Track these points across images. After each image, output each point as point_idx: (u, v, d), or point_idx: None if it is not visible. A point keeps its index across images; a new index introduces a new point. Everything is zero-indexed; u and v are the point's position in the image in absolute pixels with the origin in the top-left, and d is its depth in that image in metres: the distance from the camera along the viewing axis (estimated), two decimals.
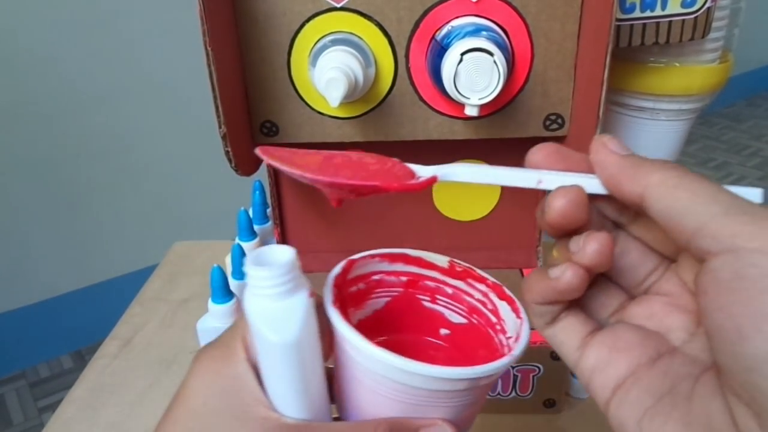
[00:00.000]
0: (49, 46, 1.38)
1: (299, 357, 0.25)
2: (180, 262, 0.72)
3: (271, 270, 0.24)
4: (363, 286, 0.31)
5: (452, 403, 0.27)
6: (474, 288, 0.32)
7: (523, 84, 0.44)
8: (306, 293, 0.25)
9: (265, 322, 0.25)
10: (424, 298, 0.33)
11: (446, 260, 0.32)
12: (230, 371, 0.26)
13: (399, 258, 0.32)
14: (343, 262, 0.30)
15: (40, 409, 1.48)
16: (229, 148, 0.41)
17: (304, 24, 0.42)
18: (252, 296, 0.25)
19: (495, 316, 0.31)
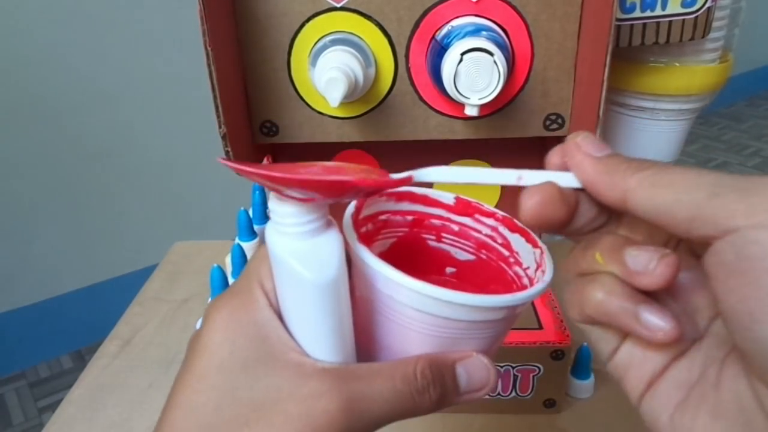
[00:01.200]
0: (50, 46, 1.38)
1: (336, 296, 0.24)
2: (180, 262, 0.72)
3: (302, 205, 0.23)
4: (371, 227, 0.30)
5: (486, 333, 0.26)
6: (482, 223, 0.31)
7: (523, 84, 0.44)
8: (337, 230, 0.25)
9: (300, 260, 0.23)
10: (430, 237, 0.32)
11: (452, 197, 0.31)
12: (254, 318, 0.25)
13: (405, 196, 0.31)
14: (355, 201, 0.29)
15: (40, 409, 1.48)
16: (229, 148, 0.41)
17: (304, 24, 0.42)
18: (281, 235, 0.24)
19: (507, 249, 0.30)
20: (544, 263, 0.28)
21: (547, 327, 0.48)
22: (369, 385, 0.25)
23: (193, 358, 0.25)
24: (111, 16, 1.42)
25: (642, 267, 0.22)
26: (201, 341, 0.25)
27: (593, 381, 0.51)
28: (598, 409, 0.50)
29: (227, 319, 0.25)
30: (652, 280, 0.22)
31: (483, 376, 0.27)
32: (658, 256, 0.22)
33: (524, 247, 0.29)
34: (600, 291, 0.24)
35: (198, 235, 0.94)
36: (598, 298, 0.24)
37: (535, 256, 0.29)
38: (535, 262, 0.28)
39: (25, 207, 1.48)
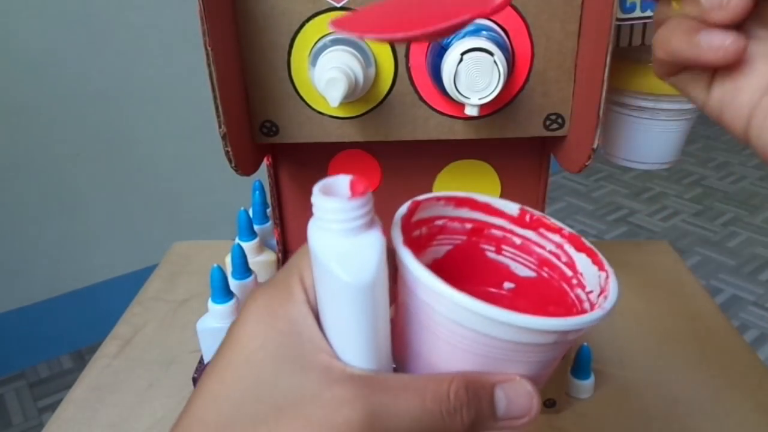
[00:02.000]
0: (50, 46, 1.38)
1: (372, 301, 0.23)
2: (180, 262, 0.72)
3: (346, 202, 0.22)
4: (425, 230, 0.29)
5: (534, 358, 0.24)
6: (546, 239, 0.29)
7: (523, 84, 0.44)
8: (380, 230, 0.23)
9: (338, 260, 0.22)
10: (489, 248, 0.30)
11: (517, 207, 0.29)
12: (289, 313, 0.24)
13: (465, 202, 0.29)
14: (409, 202, 0.28)
15: (39, 409, 1.48)
16: (229, 148, 0.41)
17: (304, 24, 0.42)
18: (321, 231, 0.23)
19: (570, 269, 0.29)
20: (608, 288, 0.26)
21: None
22: (396, 399, 0.23)
23: (225, 347, 0.24)
24: (111, 16, 1.42)
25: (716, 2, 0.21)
26: (234, 331, 0.24)
27: (593, 381, 0.51)
28: (598, 409, 0.50)
29: (262, 310, 0.24)
30: (726, 13, 0.21)
31: (524, 404, 0.25)
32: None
33: (590, 268, 0.28)
34: (665, 28, 0.23)
35: (198, 235, 0.94)
36: (664, 35, 0.23)
37: (600, 280, 0.27)
38: (600, 286, 0.27)
39: (25, 207, 1.48)
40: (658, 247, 0.71)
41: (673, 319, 0.60)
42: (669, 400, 0.51)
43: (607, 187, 2.44)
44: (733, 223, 2.19)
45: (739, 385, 0.52)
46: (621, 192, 2.41)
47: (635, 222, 2.21)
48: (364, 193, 0.23)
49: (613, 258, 0.28)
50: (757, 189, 2.41)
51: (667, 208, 2.30)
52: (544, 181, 0.53)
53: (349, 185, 0.23)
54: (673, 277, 0.66)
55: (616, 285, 0.26)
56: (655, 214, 2.26)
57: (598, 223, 2.21)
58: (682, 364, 0.54)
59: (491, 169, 0.53)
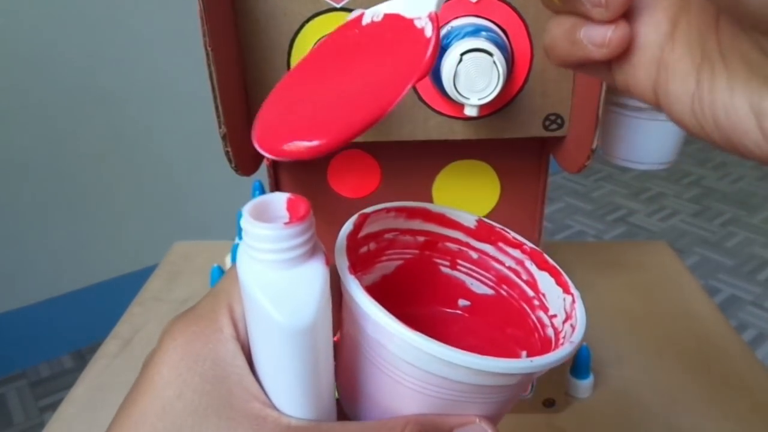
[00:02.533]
0: (50, 47, 1.38)
1: (312, 343, 0.19)
2: (180, 262, 0.72)
3: (281, 229, 0.18)
4: (373, 246, 0.26)
5: (494, 398, 0.22)
6: (506, 254, 0.27)
7: (523, 84, 0.44)
8: (323, 259, 0.20)
9: (271, 298, 0.19)
10: (443, 263, 0.28)
11: (474, 219, 0.27)
12: (214, 354, 0.20)
13: (418, 213, 0.27)
14: (355, 216, 0.25)
15: (40, 409, 1.48)
16: (229, 148, 0.41)
17: (304, 24, 0.42)
18: (252, 261, 0.19)
19: (532, 288, 0.26)
20: (574, 315, 0.23)
21: None
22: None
23: (137, 393, 0.21)
24: (111, 16, 1.42)
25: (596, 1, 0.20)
26: (149, 372, 0.21)
27: (592, 381, 0.51)
28: (598, 408, 0.50)
29: (182, 350, 0.20)
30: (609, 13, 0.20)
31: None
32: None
33: (553, 289, 0.25)
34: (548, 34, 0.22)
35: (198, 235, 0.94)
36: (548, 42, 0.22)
37: (565, 304, 0.24)
38: (565, 311, 0.24)
39: (25, 207, 1.48)
40: (657, 247, 0.71)
41: (671, 319, 0.60)
42: (667, 400, 0.51)
43: (606, 188, 2.44)
44: (731, 223, 2.19)
45: (738, 385, 0.52)
46: (620, 192, 2.41)
47: (634, 222, 2.21)
48: (303, 218, 0.19)
49: (611, 258, 0.27)
50: (755, 189, 2.41)
51: (666, 208, 2.30)
52: (543, 182, 0.53)
53: (285, 205, 0.20)
54: (672, 277, 0.66)
55: (583, 312, 0.23)
56: (653, 214, 2.26)
57: (597, 223, 2.21)
58: (681, 363, 0.54)
59: (491, 169, 0.53)
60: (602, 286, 0.64)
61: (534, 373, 0.21)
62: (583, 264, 0.67)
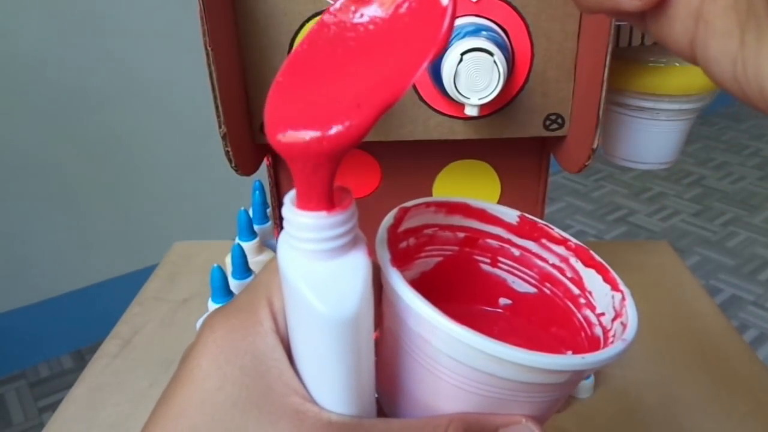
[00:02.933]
0: (50, 47, 1.38)
1: (355, 336, 0.19)
2: (180, 262, 0.72)
3: (324, 217, 0.18)
4: (413, 241, 0.26)
5: (541, 397, 0.21)
6: (549, 251, 0.26)
7: (523, 84, 0.44)
8: (365, 250, 0.19)
9: (314, 288, 0.18)
10: (484, 260, 0.27)
11: (516, 215, 0.26)
12: (253, 346, 0.20)
13: (458, 209, 0.26)
14: (395, 210, 0.24)
15: (40, 409, 1.48)
16: (229, 148, 0.41)
17: (304, 24, 0.42)
18: (293, 251, 0.19)
19: (578, 286, 0.25)
20: (625, 313, 0.22)
21: None
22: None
23: (177, 384, 0.20)
24: (111, 16, 1.42)
25: None
26: (188, 365, 0.20)
27: (593, 381, 0.51)
28: (598, 408, 0.50)
29: (221, 342, 0.20)
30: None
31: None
32: None
33: (601, 287, 0.24)
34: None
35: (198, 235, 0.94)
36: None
37: (614, 302, 0.23)
38: (614, 309, 0.23)
39: (25, 207, 1.48)
40: (658, 247, 0.71)
41: (672, 319, 0.60)
42: (668, 400, 0.51)
43: (606, 187, 2.44)
44: (732, 223, 2.19)
45: (739, 385, 0.52)
46: (621, 192, 2.41)
47: (635, 222, 2.21)
48: (347, 206, 0.19)
49: (612, 258, 0.26)
50: (756, 189, 2.41)
51: (667, 208, 2.30)
52: (544, 181, 0.53)
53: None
54: (673, 277, 0.66)
55: (635, 309, 0.22)
56: (654, 214, 2.26)
57: (597, 223, 2.21)
58: (682, 363, 0.54)
59: (491, 169, 0.53)
60: None
61: (584, 371, 0.20)
62: None
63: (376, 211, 0.59)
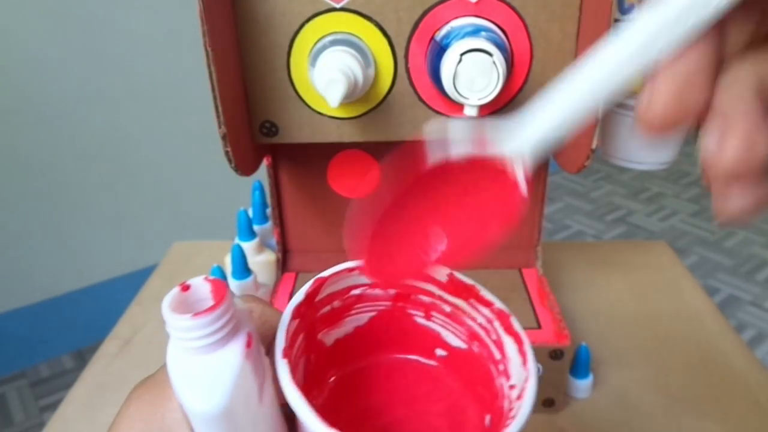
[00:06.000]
0: (50, 46, 1.38)
1: (230, 425, 0.20)
2: (180, 262, 0.72)
3: (188, 319, 0.19)
4: (338, 304, 0.27)
5: None
6: (477, 311, 0.26)
7: (522, 84, 0.44)
8: (241, 343, 0.20)
9: (186, 384, 0.20)
10: (417, 314, 0.28)
11: (445, 273, 0.26)
12: (161, 422, 0.22)
13: None
14: (309, 283, 0.25)
15: (40, 409, 1.48)
16: (229, 148, 0.41)
17: (304, 24, 0.42)
18: (171, 347, 0.21)
19: (499, 351, 0.25)
20: (525, 395, 0.22)
21: (545, 327, 0.48)
22: None
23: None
24: (110, 16, 1.42)
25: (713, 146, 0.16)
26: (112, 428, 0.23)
27: (592, 381, 0.51)
28: (597, 408, 0.50)
29: (136, 416, 0.23)
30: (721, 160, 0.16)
31: None
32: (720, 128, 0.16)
33: (515, 357, 0.24)
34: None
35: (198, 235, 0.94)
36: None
37: (521, 378, 0.23)
38: (520, 384, 0.23)
39: (24, 207, 1.48)
40: (656, 247, 0.71)
41: (670, 319, 0.60)
42: (667, 400, 0.51)
43: (605, 187, 2.44)
44: None
45: (737, 385, 0.52)
46: (619, 192, 2.41)
47: (633, 222, 2.21)
48: (212, 309, 0.20)
49: (611, 258, 0.26)
50: None
51: (665, 208, 2.30)
52: (543, 182, 0.53)
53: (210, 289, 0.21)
54: (671, 276, 0.66)
55: (533, 395, 0.22)
56: (653, 214, 2.26)
57: (596, 223, 2.21)
58: (680, 363, 0.54)
59: None
60: (601, 285, 0.64)
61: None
62: (582, 264, 0.67)
63: None
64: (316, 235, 0.56)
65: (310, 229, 0.56)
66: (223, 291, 0.20)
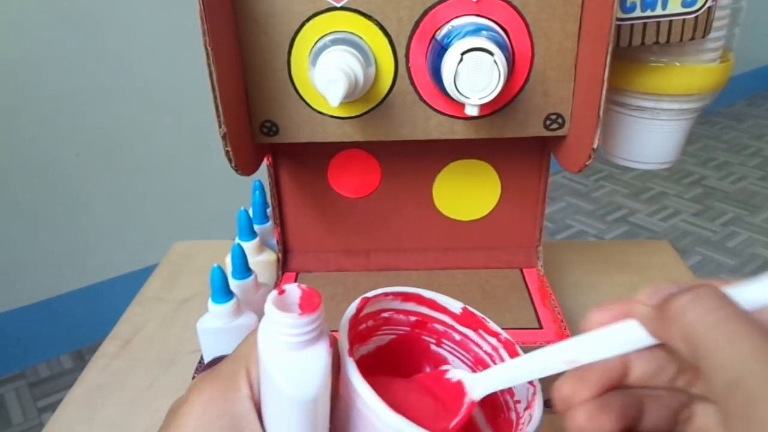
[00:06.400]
0: (50, 46, 1.38)
1: (313, 414, 0.23)
2: (180, 262, 0.72)
3: (297, 318, 0.23)
4: (371, 323, 0.30)
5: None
6: (484, 340, 0.31)
7: (524, 83, 0.44)
8: (327, 343, 0.24)
9: (282, 372, 0.23)
10: (430, 340, 0.32)
11: (459, 306, 0.31)
12: (231, 409, 0.24)
13: (412, 298, 0.31)
14: (358, 300, 0.29)
15: (39, 409, 1.48)
16: (229, 148, 0.41)
17: (304, 24, 0.42)
18: (269, 339, 0.23)
19: None
20: (534, 405, 0.27)
21: (547, 327, 0.47)
22: None
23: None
24: (110, 16, 1.42)
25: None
26: (176, 421, 0.24)
27: None
28: None
29: (205, 404, 0.24)
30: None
31: None
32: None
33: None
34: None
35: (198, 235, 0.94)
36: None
37: (528, 393, 0.28)
38: (527, 398, 0.27)
39: (25, 207, 1.48)
40: (659, 247, 0.71)
41: None
42: None
43: (607, 187, 2.44)
44: (733, 223, 2.18)
45: None
46: (621, 192, 2.40)
47: (635, 222, 2.21)
48: (315, 310, 0.23)
49: (613, 258, 0.28)
50: (757, 189, 2.41)
51: (668, 208, 2.30)
52: (544, 181, 0.53)
53: (299, 299, 0.24)
54: (674, 277, 0.66)
55: (541, 405, 0.26)
56: (655, 214, 2.25)
57: (598, 222, 2.21)
58: None
59: (491, 168, 0.53)
60: (603, 286, 0.64)
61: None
62: (584, 264, 0.67)
63: (376, 211, 0.60)
64: (316, 235, 0.56)
65: (310, 229, 0.55)
66: (318, 297, 0.23)
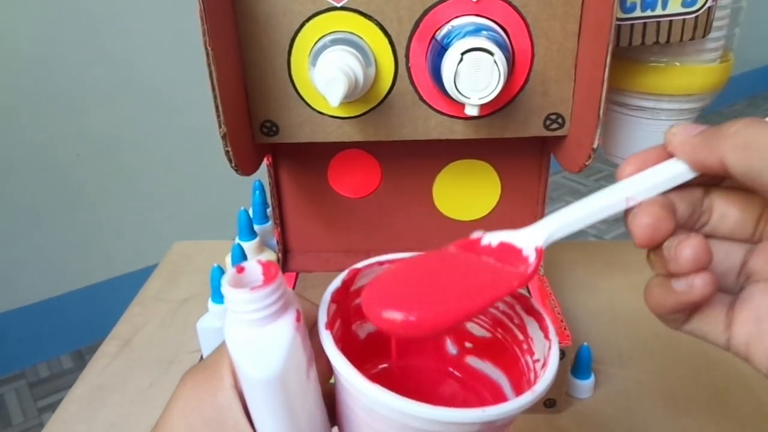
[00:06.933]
0: (50, 46, 1.38)
1: (283, 392, 0.22)
2: (180, 262, 0.72)
3: (250, 293, 0.21)
4: None
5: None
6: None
7: (524, 83, 0.44)
8: (292, 317, 0.22)
9: (244, 354, 0.22)
10: None
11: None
12: (214, 400, 0.24)
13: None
14: (345, 272, 0.27)
15: (39, 409, 1.48)
16: (229, 148, 0.41)
17: (304, 24, 0.42)
18: (232, 321, 0.22)
19: (522, 332, 0.28)
20: (549, 362, 0.25)
21: None
22: None
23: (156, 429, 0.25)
24: (111, 16, 1.42)
25: (670, 254, 0.23)
26: (165, 411, 0.25)
27: (593, 381, 0.51)
28: (598, 408, 0.50)
29: (189, 396, 0.24)
30: (677, 264, 0.23)
31: None
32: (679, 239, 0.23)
33: (537, 334, 0.27)
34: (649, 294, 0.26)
35: (198, 235, 0.94)
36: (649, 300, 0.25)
37: (544, 349, 0.26)
38: (543, 356, 0.26)
39: (25, 207, 1.48)
40: None
41: None
42: (668, 400, 0.51)
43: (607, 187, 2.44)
44: None
45: (740, 385, 0.52)
46: None
47: None
48: (270, 282, 0.22)
49: (613, 258, 0.27)
50: None
51: None
52: (544, 181, 0.53)
53: (262, 275, 0.23)
54: None
55: (556, 359, 0.25)
56: None
57: (598, 222, 2.21)
58: (682, 363, 0.54)
59: (491, 168, 0.53)
60: (603, 285, 0.64)
61: (491, 422, 0.22)
62: (584, 264, 0.67)
63: (376, 211, 0.60)
64: (316, 234, 0.56)
65: (310, 229, 0.55)
66: (275, 270, 0.22)
